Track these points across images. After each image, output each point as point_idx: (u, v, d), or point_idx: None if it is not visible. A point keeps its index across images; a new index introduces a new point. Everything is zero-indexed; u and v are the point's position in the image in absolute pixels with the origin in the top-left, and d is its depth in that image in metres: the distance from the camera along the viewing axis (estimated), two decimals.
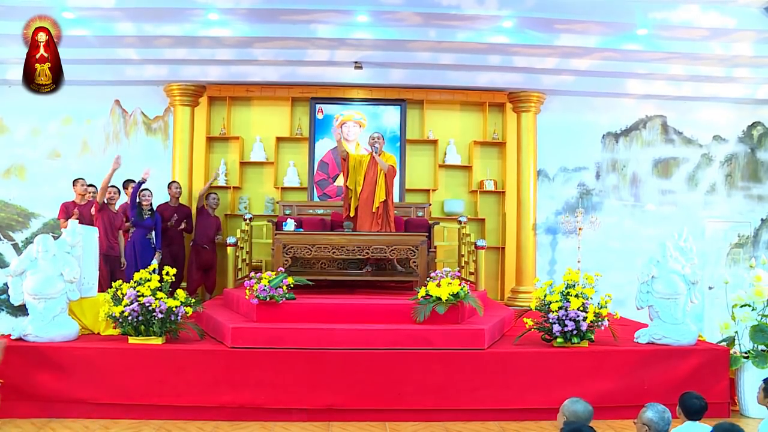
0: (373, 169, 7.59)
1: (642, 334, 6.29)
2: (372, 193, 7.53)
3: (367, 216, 7.50)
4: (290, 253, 6.94)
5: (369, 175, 7.58)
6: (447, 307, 6.07)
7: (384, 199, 7.51)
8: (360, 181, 7.59)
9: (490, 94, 9.68)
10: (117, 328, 6.04)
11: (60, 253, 6.16)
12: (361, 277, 7.44)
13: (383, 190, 7.52)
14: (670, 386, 5.77)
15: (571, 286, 6.18)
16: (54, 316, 5.95)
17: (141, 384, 5.65)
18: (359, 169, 7.62)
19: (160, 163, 9.39)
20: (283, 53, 8.77)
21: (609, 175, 9.99)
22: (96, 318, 6.33)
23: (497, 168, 9.89)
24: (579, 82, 9.42)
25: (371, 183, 7.55)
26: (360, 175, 7.60)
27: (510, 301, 9.36)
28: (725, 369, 6.02)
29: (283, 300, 6.18)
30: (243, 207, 9.56)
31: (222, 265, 8.71)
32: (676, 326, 6.18)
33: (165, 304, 5.89)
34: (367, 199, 7.53)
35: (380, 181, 7.53)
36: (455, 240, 9.12)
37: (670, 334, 6.14)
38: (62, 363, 5.68)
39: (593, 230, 9.45)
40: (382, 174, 7.53)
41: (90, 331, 6.42)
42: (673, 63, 9.01)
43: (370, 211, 7.50)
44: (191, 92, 9.41)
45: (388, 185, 7.58)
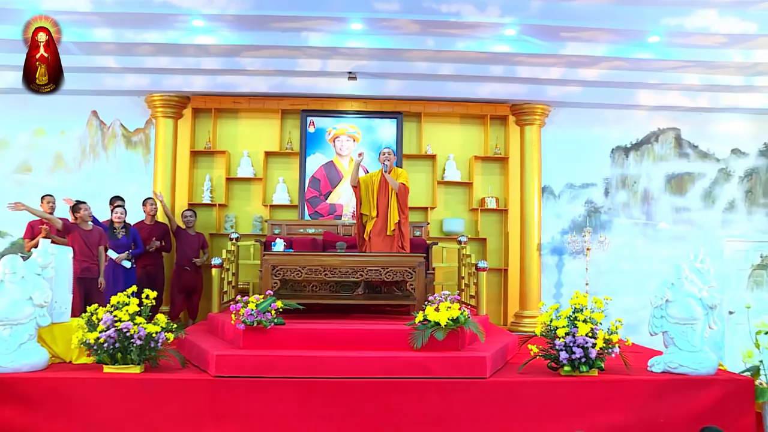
0: (384, 189, 7.55)
1: (656, 362, 6.23)
2: (385, 216, 7.50)
3: (384, 240, 7.48)
4: (279, 275, 6.90)
5: (381, 197, 7.54)
6: (446, 332, 6.02)
7: (398, 220, 7.47)
8: (374, 205, 7.54)
9: (491, 107, 9.70)
10: (91, 356, 5.95)
11: (30, 275, 6.07)
12: (355, 301, 7.39)
13: (396, 211, 7.48)
14: (688, 419, 5.71)
15: (578, 311, 6.14)
16: (21, 343, 5.85)
17: (117, 417, 5.54)
18: (370, 192, 7.57)
19: (140, 179, 9.40)
20: (273, 63, 8.80)
21: (619, 191, 9.99)
22: (68, 345, 6.23)
23: (499, 185, 9.90)
24: (586, 93, 9.46)
25: (384, 205, 7.52)
26: (373, 198, 7.55)
27: (513, 326, 9.34)
28: (750, 402, 5.92)
29: (272, 325, 6.12)
30: (229, 226, 9.53)
31: (206, 288, 8.65)
32: (694, 354, 6.12)
33: (144, 329, 5.82)
34: (382, 222, 7.50)
35: (393, 201, 7.49)
36: (455, 261, 9.10)
37: (688, 363, 6.08)
38: (30, 395, 5.56)
39: (602, 251, 9.44)
40: (393, 194, 7.49)
41: (61, 360, 6.32)
42: (688, 72, 9.04)
43: (386, 236, 7.48)
44: (174, 103, 9.41)
45: (402, 205, 7.52)
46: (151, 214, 8.76)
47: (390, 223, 7.47)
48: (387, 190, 7.53)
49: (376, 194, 7.56)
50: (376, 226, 7.52)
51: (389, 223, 7.47)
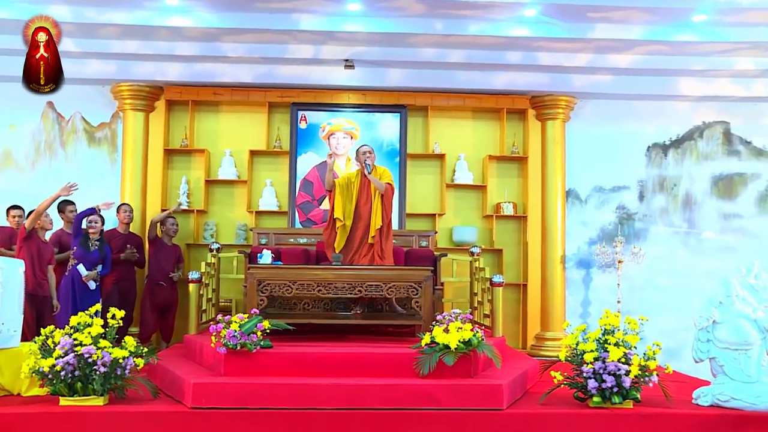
0: (365, 191, 7.58)
1: (703, 393, 6.18)
2: (367, 221, 7.51)
3: (363, 249, 7.50)
4: (266, 292, 6.91)
5: (361, 200, 7.56)
6: (457, 357, 6.02)
7: (380, 226, 7.49)
8: (350, 209, 7.56)
9: (508, 99, 9.71)
10: (45, 386, 5.88)
11: None
12: (353, 321, 7.41)
13: (380, 215, 7.50)
14: None
15: (609, 333, 6.11)
16: None
17: None
18: (347, 194, 7.59)
19: (106, 181, 9.41)
20: (259, 49, 8.81)
21: (656, 195, 9.97)
22: (17, 375, 6.15)
23: (517, 188, 9.91)
24: (618, 82, 9.46)
25: (365, 209, 7.53)
26: (350, 201, 7.57)
27: (534, 350, 9.33)
28: None
29: (258, 348, 6.12)
30: (209, 235, 9.54)
31: (182, 306, 8.62)
32: (749, 385, 6.06)
33: (109, 355, 5.78)
34: (362, 229, 7.51)
35: (376, 205, 7.51)
36: (466, 275, 9.10)
37: (741, 395, 6.01)
38: None
39: (636, 263, 9.41)
40: (378, 196, 7.51)
41: (8, 393, 6.24)
42: (741, 55, 8.99)
43: (366, 243, 7.50)
44: (145, 95, 9.40)
45: (386, 209, 7.56)
46: (126, 222, 8.71)
47: (372, 229, 7.49)
48: (369, 192, 7.55)
49: (355, 198, 7.57)
50: (355, 233, 7.52)
51: (371, 230, 7.49)
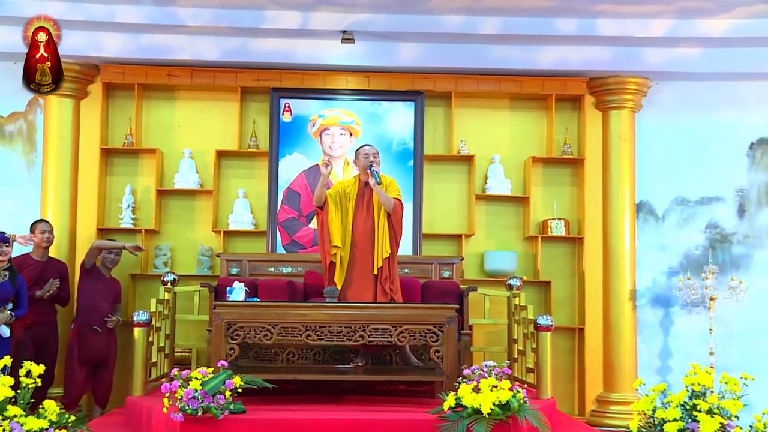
0: (365, 205, 7.64)
1: None
2: (368, 246, 7.54)
3: (366, 282, 7.52)
4: (238, 338, 6.91)
5: (359, 216, 7.61)
6: (491, 425, 6.02)
7: (388, 255, 7.52)
8: (348, 230, 7.59)
9: (558, 82, 9.75)
10: None
11: None
12: (353, 377, 7.42)
13: (387, 240, 7.53)
14: None
15: (699, 396, 6.09)
16: None
17: None
18: (342, 210, 7.61)
19: (21, 190, 9.45)
20: (228, 15, 8.85)
21: (762, 209, 9.96)
22: None
23: (570, 200, 9.97)
24: (707, 57, 9.46)
25: (365, 228, 7.57)
26: (347, 219, 7.60)
27: (595, 416, 9.33)
28: None
29: (226, 414, 6.11)
30: (161, 263, 9.57)
31: (123, 359, 8.61)
32: None
33: (21, 427, 5.76)
34: (361, 255, 7.54)
35: (382, 227, 7.55)
36: (503, 316, 9.11)
37: None
38: None
39: (735, 301, 9.35)
40: (384, 214, 7.54)
41: None
42: None
43: (370, 275, 7.53)
44: (75, 75, 9.35)
45: (397, 232, 7.60)
46: (44, 246, 8.67)
47: (377, 257, 7.51)
48: (371, 207, 7.61)
49: (351, 215, 7.61)
50: (353, 261, 7.55)
51: (376, 258, 7.51)
